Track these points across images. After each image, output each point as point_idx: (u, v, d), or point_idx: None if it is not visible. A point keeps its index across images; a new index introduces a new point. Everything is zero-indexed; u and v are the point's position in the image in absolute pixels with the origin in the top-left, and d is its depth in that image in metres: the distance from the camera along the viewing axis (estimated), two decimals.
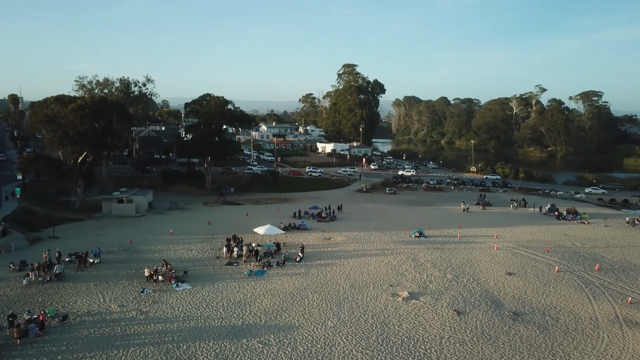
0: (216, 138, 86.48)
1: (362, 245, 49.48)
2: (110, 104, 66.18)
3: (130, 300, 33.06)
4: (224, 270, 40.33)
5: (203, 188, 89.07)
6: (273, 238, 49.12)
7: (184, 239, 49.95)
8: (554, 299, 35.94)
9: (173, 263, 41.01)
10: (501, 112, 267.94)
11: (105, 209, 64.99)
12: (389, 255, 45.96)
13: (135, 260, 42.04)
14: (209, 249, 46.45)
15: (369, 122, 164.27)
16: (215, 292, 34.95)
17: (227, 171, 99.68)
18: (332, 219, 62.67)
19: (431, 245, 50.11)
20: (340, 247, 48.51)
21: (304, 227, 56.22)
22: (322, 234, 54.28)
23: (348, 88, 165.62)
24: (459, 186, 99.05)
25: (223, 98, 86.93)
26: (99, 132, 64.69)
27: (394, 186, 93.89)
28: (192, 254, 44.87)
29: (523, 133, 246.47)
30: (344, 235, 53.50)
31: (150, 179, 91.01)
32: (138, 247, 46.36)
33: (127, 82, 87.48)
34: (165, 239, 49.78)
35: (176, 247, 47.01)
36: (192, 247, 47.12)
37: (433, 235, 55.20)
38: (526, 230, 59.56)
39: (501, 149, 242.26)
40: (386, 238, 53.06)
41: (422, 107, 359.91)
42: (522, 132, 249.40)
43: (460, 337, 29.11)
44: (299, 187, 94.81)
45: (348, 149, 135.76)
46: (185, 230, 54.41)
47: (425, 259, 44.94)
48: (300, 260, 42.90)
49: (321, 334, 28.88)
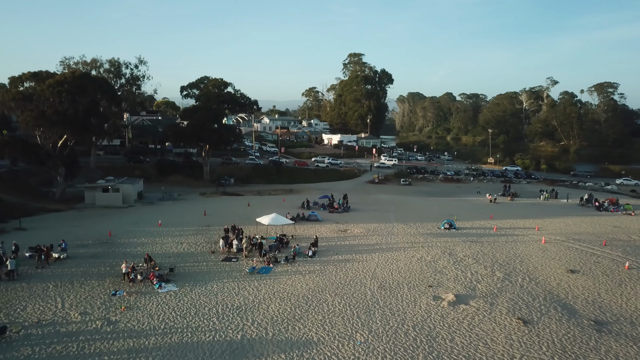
0: (215, 124, 78.88)
1: (385, 238, 41.77)
2: (93, 80, 58.58)
3: (97, 306, 25.46)
4: (220, 267, 32.72)
5: (201, 179, 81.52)
6: (279, 229, 41.51)
7: (175, 231, 42.34)
8: (638, 302, 28.25)
9: (159, 258, 33.45)
10: (510, 106, 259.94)
11: (88, 199, 57.42)
12: (419, 249, 38.27)
13: (111, 255, 34.44)
14: (203, 242, 38.84)
15: (376, 113, 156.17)
16: (207, 295, 27.33)
17: (227, 161, 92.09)
18: (346, 210, 54.99)
19: (466, 238, 42.41)
20: (360, 240, 40.82)
21: (314, 217, 48.58)
22: (336, 225, 46.61)
23: (354, 78, 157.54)
24: (478, 177, 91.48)
25: (222, 79, 79.30)
26: (80, 112, 57.07)
27: (408, 177, 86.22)
28: (183, 247, 37.25)
29: (534, 127, 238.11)
30: (362, 227, 45.80)
31: (144, 169, 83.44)
32: (118, 240, 38.76)
33: (117, 63, 79.84)
34: (152, 231, 42.17)
35: (164, 239, 39.39)
36: (183, 239, 39.51)
37: (464, 227, 47.52)
38: (569, 222, 51.87)
39: (511, 143, 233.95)
40: (411, 230, 45.37)
41: (426, 103, 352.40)
42: (532, 126, 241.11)
43: (536, 356, 21.46)
44: (304, 178, 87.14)
45: (356, 140, 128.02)
46: (177, 221, 46.82)
47: (464, 253, 37.24)
48: (313, 255, 35.25)
49: (349, 352, 21.27)
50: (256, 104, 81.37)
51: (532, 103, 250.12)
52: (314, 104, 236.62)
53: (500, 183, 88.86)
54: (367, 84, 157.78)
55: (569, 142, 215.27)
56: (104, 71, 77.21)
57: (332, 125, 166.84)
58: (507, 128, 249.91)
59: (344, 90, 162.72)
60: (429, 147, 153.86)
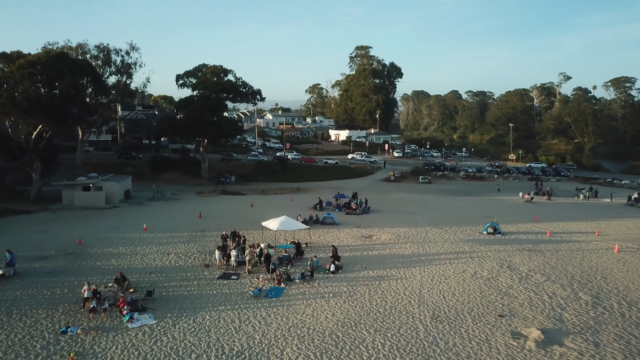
0: (214, 116, 71.17)
1: (421, 247, 33.87)
2: (73, 62, 50.83)
3: (36, 351, 17.62)
4: (215, 287, 24.88)
5: (199, 177, 73.86)
6: (290, 235, 33.71)
7: (162, 238, 34.55)
8: None
9: (137, 275, 25.67)
10: (520, 103, 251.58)
11: (66, 198, 49.67)
12: (469, 260, 30.36)
13: (75, 271, 26.64)
14: (196, 253, 31.01)
15: (385, 108, 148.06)
16: (196, 332, 19.49)
17: (227, 158, 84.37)
18: (365, 211, 47.12)
19: (519, 246, 34.49)
20: (391, 250, 32.93)
21: (330, 220, 40.71)
22: (358, 230, 38.76)
23: (362, 71, 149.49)
24: (503, 174, 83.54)
25: (221, 66, 71.45)
26: (58, 99, 49.34)
27: (427, 174, 78.35)
28: (170, 259, 29.41)
29: (546, 124, 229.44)
30: (389, 233, 37.92)
31: (136, 166, 75.92)
32: (89, 250, 30.95)
33: (106, 49, 72.06)
34: (134, 238, 34.38)
35: (148, 249, 31.59)
36: (171, 249, 31.69)
37: (510, 231, 39.64)
38: (629, 225, 44.20)
39: (521, 141, 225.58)
40: (449, 236, 37.47)
41: (432, 102, 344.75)
42: (544, 123, 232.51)
43: None
44: (312, 175, 79.39)
45: (365, 136, 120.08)
46: (167, 225, 39.06)
47: (526, 266, 29.31)
48: (336, 271, 27.35)
49: None
50: (259, 93, 73.50)
51: (543, 100, 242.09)
52: (318, 101, 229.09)
53: (527, 181, 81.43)
54: (375, 77, 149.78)
55: (583, 139, 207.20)
56: (90, 57, 69.31)
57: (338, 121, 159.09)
58: (518, 125, 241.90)
59: (351, 85, 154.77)
60: (443, 144, 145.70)
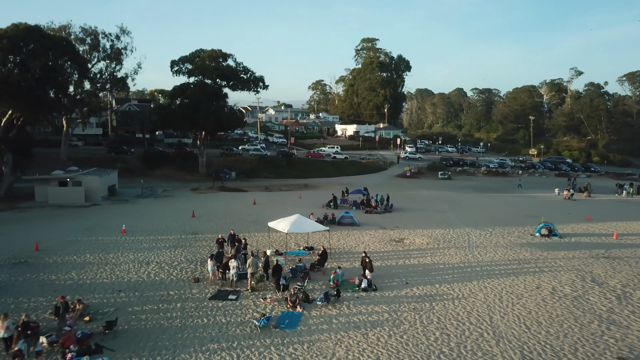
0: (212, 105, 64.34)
1: (469, 253, 26.95)
2: (48, 37, 43.96)
3: None
4: (206, 312, 17.99)
5: (195, 173, 67.03)
6: (304, 240, 26.87)
7: (143, 242, 27.73)
8: None
9: (101, 295, 18.90)
10: (529, 100, 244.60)
11: (39, 195, 42.87)
12: (536, 271, 23.44)
13: (19, 289, 19.82)
14: (184, 261, 24.15)
15: (393, 102, 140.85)
16: None
17: (227, 152, 77.48)
18: (387, 210, 40.22)
19: (589, 252, 27.60)
20: (432, 257, 26.01)
21: (349, 220, 33.80)
22: (384, 232, 31.87)
23: (369, 64, 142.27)
24: (528, 170, 76.66)
25: (220, 50, 64.61)
26: (29, 80, 42.55)
27: (446, 170, 71.53)
28: (149, 271, 22.54)
29: (556, 121, 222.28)
30: (423, 235, 31.03)
31: (127, 161, 69.17)
32: (46, 259, 24.13)
33: (94, 32, 65.30)
34: (108, 242, 27.55)
35: (123, 257, 24.76)
36: (152, 256, 24.84)
37: (567, 233, 32.78)
38: None
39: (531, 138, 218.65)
40: (497, 239, 30.57)
41: (436, 100, 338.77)
42: (555, 119, 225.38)
43: None
44: (320, 171, 72.49)
45: (374, 131, 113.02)
46: (151, 226, 32.23)
47: (615, 280, 22.40)
48: (369, 287, 20.39)
49: None
50: (262, 80, 66.55)
51: (553, 96, 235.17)
52: (321, 98, 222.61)
53: (555, 177, 74.64)
54: (382, 71, 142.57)
55: (596, 136, 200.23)
56: (76, 40, 62.41)
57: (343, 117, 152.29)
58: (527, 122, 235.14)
59: (357, 79, 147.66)
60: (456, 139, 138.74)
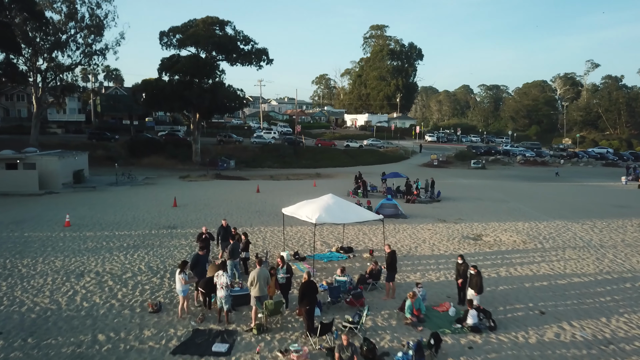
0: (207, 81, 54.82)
1: (604, 258, 17.28)
2: None
3: None
4: None
5: (188, 162, 57.45)
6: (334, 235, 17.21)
7: (91, 239, 18.11)
8: None
9: None
10: (542, 95, 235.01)
11: None
12: None
13: None
14: (143, 273, 14.45)
15: (405, 93, 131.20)
16: None
17: (225, 139, 67.84)
18: (434, 198, 30.60)
19: None
20: (549, 264, 16.34)
21: (392, 209, 24.06)
22: (446, 226, 22.26)
23: (379, 52, 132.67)
24: (570, 159, 67.28)
25: (217, 17, 55.11)
26: None
27: (478, 158, 62.12)
28: (75, 290, 12.83)
29: (572, 115, 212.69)
30: (505, 230, 21.41)
31: (110, 148, 59.61)
32: None
33: None
34: (35, 240, 17.95)
35: (44, 263, 15.10)
36: (93, 263, 15.17)
37: None
38: None
39: (544, 134, 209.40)
40: (617, 236, 20.97)
41: (441, 97, 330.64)
42: (570, 114, 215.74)
43: None
44: (332, 160, 62.95)
45: (387, 121, 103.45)
46: (113, 217, 22.61)
47: None
48: (481, 325, 10.66)
49: None
50: (266, 53, 56.83)
51: (567, 90, 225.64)
52: (325, 92, 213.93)
53: (601, 166, 65.42)
54: (393, 59, 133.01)
55: (615, 130, 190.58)
56: (46, 7, 52.78)
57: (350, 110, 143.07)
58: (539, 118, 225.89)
59: (365, 69, 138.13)
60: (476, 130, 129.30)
